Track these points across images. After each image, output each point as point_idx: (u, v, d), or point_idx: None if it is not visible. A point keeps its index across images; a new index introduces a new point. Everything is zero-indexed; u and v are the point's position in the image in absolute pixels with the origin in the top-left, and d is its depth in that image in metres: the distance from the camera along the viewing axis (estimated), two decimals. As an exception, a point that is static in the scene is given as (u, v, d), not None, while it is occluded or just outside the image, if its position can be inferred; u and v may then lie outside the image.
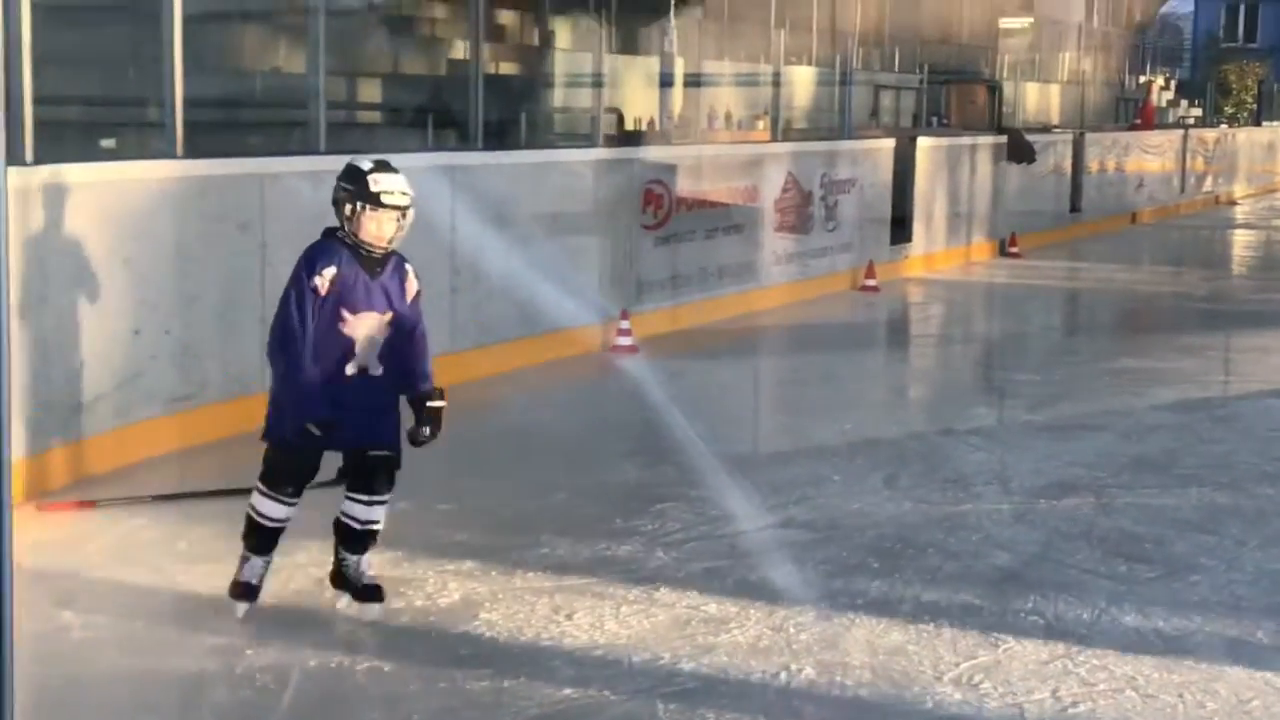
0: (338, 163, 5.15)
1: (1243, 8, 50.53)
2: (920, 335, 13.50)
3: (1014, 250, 17.49)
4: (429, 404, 5.11)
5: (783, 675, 4.82)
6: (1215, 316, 14.14)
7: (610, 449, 7.75)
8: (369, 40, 13.06)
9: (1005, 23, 24.59)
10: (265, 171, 7.86)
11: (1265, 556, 6.21)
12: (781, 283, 13.00)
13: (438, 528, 6.18)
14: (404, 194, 4.98)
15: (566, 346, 9.90)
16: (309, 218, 5.51)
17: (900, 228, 15.16)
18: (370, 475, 5.11)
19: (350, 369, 5.01)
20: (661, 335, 10.90)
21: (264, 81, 11.07)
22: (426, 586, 5.50)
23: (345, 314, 4.97)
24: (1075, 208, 20.11)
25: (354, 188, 4.96)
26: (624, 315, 10.54)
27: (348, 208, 4.97)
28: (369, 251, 4.99)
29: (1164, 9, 42.26)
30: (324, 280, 4.93)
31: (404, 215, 4.99)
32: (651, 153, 11.81)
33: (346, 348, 5.00)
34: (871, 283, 14.18)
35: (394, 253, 5.07)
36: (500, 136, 11.27)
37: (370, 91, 12.74)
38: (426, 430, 5.11)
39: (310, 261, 4.98)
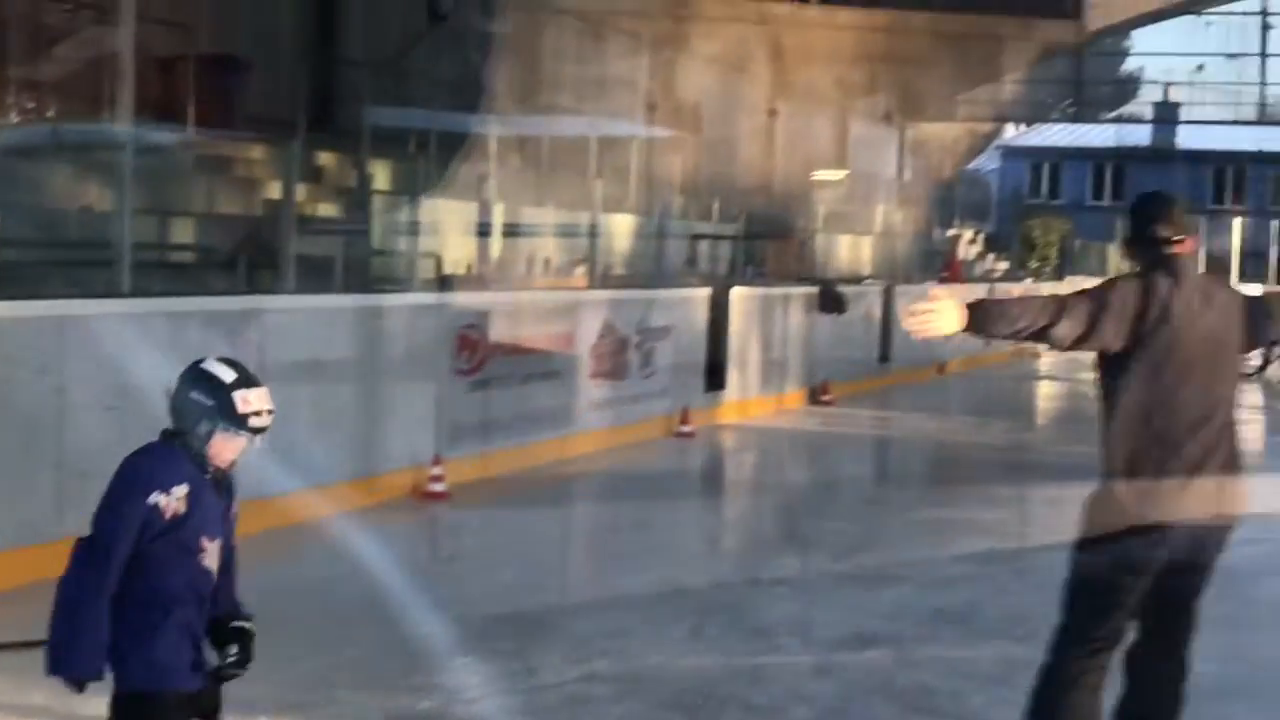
0: (142, 305, 4.87)
1: (1046, 166, 52.88)
2: (733, 482, 13.65)
3: (825, 398, 17.85)
4: (240, 624, 4.25)
5: (578, 837, 4.78)
6: (1017, 468, 14.50)
7: (412, 600, 7.64)
8: (182, 179, 12.95)
9: (819, 175, 25.30)
10: (65, 314, 7.67)
11: (1056, 710, 6.33)
12: (597, 429, 13.06)
13: (229, 682, 5.99)
14: (270, 412, 4.10)
15: (376, 493, 9.80)
16: (110, 362, 5.39)
17: (715, 375, 15.40)
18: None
19: (207, 605, 4.16)
20: (473, 482, 10.85)
21: (72, 220, 10.88)
22: (216, 746, 5.34)
23: (205, 542, 4.09)
24: (885, 357, 20.61)
25: (213, 404, 4.06)
26: (435, 461, 10.48)
27: (203, 426, 4.06)
28: (213, 471, 4.13)
29: (971, 165, 43.93)
30: (174, 501, 4.00)
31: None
32: (467, 298, 11.86)
33: (208, 582, 4.13)
34: (686, 429, 14.33)
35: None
36: (315, 279, 11.22)
37: (183, 231, 12.60)
38: (235, 654, 4.23)
39: (151, 474, 4.04)
